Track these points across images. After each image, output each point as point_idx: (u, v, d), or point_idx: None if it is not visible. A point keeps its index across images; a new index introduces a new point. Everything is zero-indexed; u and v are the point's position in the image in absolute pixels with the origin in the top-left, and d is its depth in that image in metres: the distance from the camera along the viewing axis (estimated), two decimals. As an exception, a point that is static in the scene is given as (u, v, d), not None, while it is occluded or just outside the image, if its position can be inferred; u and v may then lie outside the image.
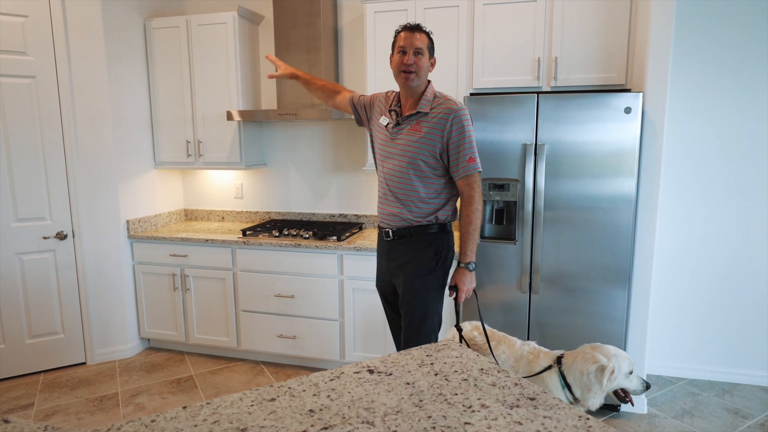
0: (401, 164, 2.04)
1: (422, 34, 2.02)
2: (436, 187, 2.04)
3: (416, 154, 2.00)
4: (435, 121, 2.00)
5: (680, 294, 3.02)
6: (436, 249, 2.08)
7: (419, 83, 2.04)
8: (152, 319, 3.44)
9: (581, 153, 2.48)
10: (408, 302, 2.08)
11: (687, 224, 2.97)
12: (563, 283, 2.59)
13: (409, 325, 2.08)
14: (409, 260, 2.07)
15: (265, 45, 3.55)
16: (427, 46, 2.03)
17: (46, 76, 3.01)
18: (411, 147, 2.01)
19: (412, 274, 2.07)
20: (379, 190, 2.17)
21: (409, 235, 2.07)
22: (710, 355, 3.02)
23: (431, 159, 2.00)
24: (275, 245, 3.07)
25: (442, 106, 2.02)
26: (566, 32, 2.69)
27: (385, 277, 2.21)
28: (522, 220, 2.59)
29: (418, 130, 2.01)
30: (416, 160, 2.01)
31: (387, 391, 1.21)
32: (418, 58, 1.99)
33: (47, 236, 3.11)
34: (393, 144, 2.07)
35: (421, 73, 2.02)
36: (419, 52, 1.99)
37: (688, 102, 2.88)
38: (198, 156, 3.46)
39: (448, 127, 1.98)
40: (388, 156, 2.09)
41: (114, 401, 2.84)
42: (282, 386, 1.25)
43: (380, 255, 2.22)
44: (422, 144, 2.00)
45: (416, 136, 2.01)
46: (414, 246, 2.07)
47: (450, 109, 1.99)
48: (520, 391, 1.21)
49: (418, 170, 2.01)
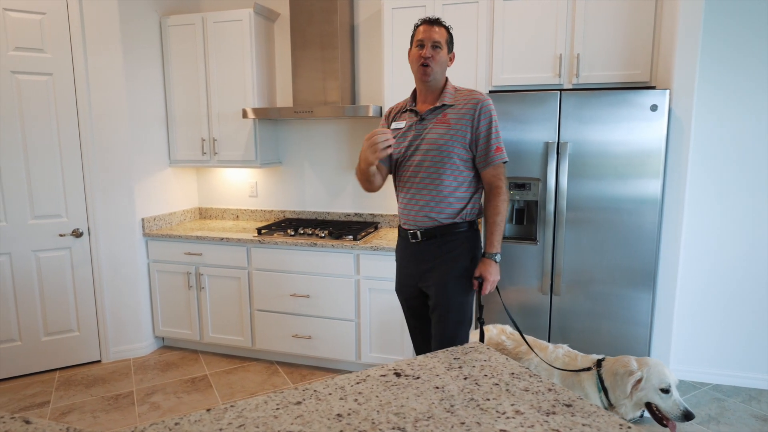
0: (431, 157, 1.96)
1: (441, 28, 1.98)
2: (464, 180, 1.98)
3: (446, 145, 1.94)
4: (462, 111, 1.95)
5: (703, 297, 2.95)
6: (468, 247, 2.01)
7: (437, 77, 1.99)
8: (166, 317, 3.43)
9: (605, 152, 2.42)
10: (443, 305, 1.99)
11: (710, 226, 2.89)
12: (585, 285, 2.53)
13: (445, 330, 1.99)
14: (441, 261, 1.99)
15: (281, 42, 3.52)
16: (446, 40, 1.98)
17: (63, 74, 3.00)
18: (441, 138, 1.95)
19: (446, 276, 1.99)
20: (401, 194, 2.08)
21: (439, 235, 1.99)
22: (735, 360, 2.94)
23: (461, 150, 1.95)
24: (291, 244, 3.04)
25: (467, 97, 1.98)
26: (589, 28, 2.63)
27: (410, 282, 2.09)
28: (543, 220, 2.53)
29: (446, 122, 1.96)
30: (447, 151, 1.95)
31: (416, 396, 1.17)
32: (436, 52, 1.93)
33: (63, 233, 3.11)
34: (419, 140, 2.00)
35: (439, 66, 1.97)
36: (437, 45, 1.93)
37: (710, 101, 2.81)
38: (213, 154, 3.44)
39: (476, 117, 1.93)
40: (414, 153, 2.01)
41: (129, 400, 2.83)
42: (307, 389, 1.22)
43: (406, 259, 2.10)
44: (452, 135, 1.94)
45: (445, 128, 1.95)
46: (445, 247, 1.99)
47: (477, 99, 1.96)
48: (554, 397, 1.16)
49: (450, 161, 1.95)
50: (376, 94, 3.37)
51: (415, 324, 2.15)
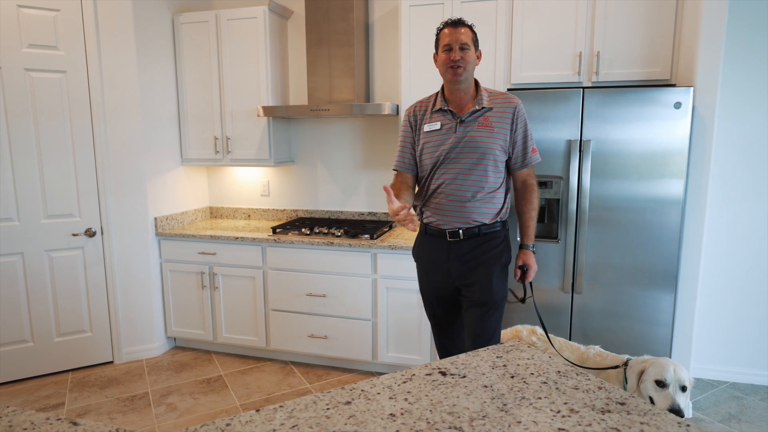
0: (476, 160, 1.98)
1: (466, 28, 1.98)
2: (502, 181, 2.07)
3: (490, 147, 1.99)
4: (501, 114, 2.01)
5: (720, 296, 2.94)
6: (506, 246, 2.10)
7: (468, 78, 2.00)
8: (179, 317, 3.40)
9: (628, 151, 2.41)
10: (488, 302, 2.01)
11: (730, 226, 2.89)
12: (607, 284, 2.52)
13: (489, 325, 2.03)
14: (485, 259, 2.02)
15: (294, 40, 3.50)
16: (472, 39, 1.98)
17: (76, 71, 2.97)
18: (485, 141, 1.98)
19: (491, 273, 2.02)
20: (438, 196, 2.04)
21: (481, 234, 2.03)
22: (752, 358, 2.93)
23: (501, 152, 2.02)
24: (307, 243, 3.02)
25: (504, 100, 2.03)
26: (609, 26, 2.62)
27: (445, 279, 2.08)
28: (565, 218, 2.52)
29: (488, 125, 2.00)
30: (491, 153, 1.99)
31: (466, 395, 1.16)
32: (464, 53, 1.94)
33: (76, 233, 3.07)
34: (464, 142, 1.99)
35: (469, 67, 1.97)
36: (465, 47, 1.94)
37: (731, 101, 2.80)
38: (226, 152, 3.41)
39: (515, 121, 2.02)
40: (458, 156, 2.00)
41: (145, 401, 2.80)
42: (354, 389, 1.20)
43: (440, 258, 2.07)
44: (495, 137, 1.99)
45: (487, 131, 1.99)
46: (486, 245, 2.03)
47: (513, 103, 2.03)
48: (606, 395, 1.15)
49: (494, 163, 2.00)
50: (391, 93, 3.35)
51: (446, 320, 2.16)
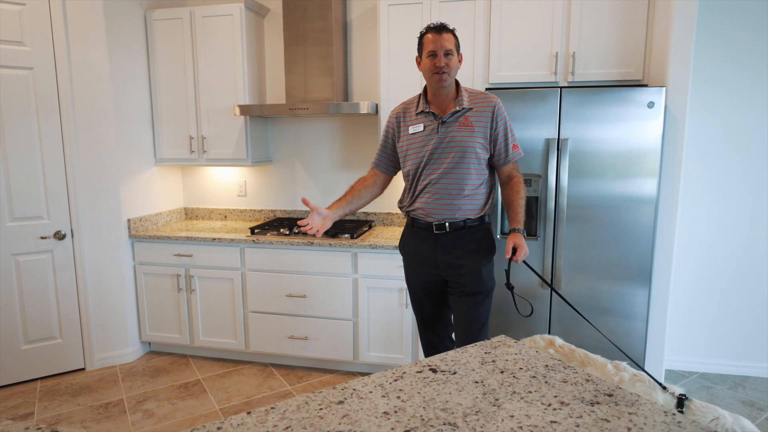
0: (458, 158, 2.06)
1: (449, 34, 2.04)
2: (485, 178, 2.13)
3: (470, 146, 2.06)
4: (480, 114, 2.08)
5: (690, 289, 3.05)
6: (491, 239, 2.17)
7: (451, 82, 2.09)
8: (154, 321, 3.31)
9: (604, 150, 2.47)
10: (478, 292, 2.10)
11: (701, 221, 2.99)
12: (585, 280, 2.57)
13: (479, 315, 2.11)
14: (472, 251, 2.11)
15: (270, 38, 3.45)
16: (455, 44, 2.06)
17: (44, 68, 2.86)
18: (466, 140, 2.05)
19: (479, 264, 2.11)
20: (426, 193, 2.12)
21: (466, 227, 2.11)
22: (720, 349, 3.05)
23: (482, 150, 2.09)
24: (286, 244, 2.98)
25: (483, 100, 2.10)
26: (584, 27, 2.68)
27: (432, 271, 2.16)
28: (544, 216, 2.56)
29: (469, 125, 2.07)
30: (472, 151, 2.06)
31: (458, 391, 1.16)
32: (449, 59, 2.01)
33: (45, 236, 2.96)
34: (445, 143, 2.07)
35: (453, 72, 2.05)
36: (449, 53, 2.01)
37: (704, 99, 2.90)
38: (202, 152, 3.35)
39: (494, 119, 2.08)
40: (442, 154, 2.07)
41: (120, 408, 2.72)
42: (346, 388, 1.19)
43: (426, 250, 2.15)
44: (475, 136, 2.06)
45: (468, 131, 2.06)
46: (472, 237, 2.12)
47: (492, 102, 2.09)
48: (594, 387, 1.17)
49: (475, 161, 2.07)
50: (370, 92, 3.35)
51: (433, 313, 2.25)
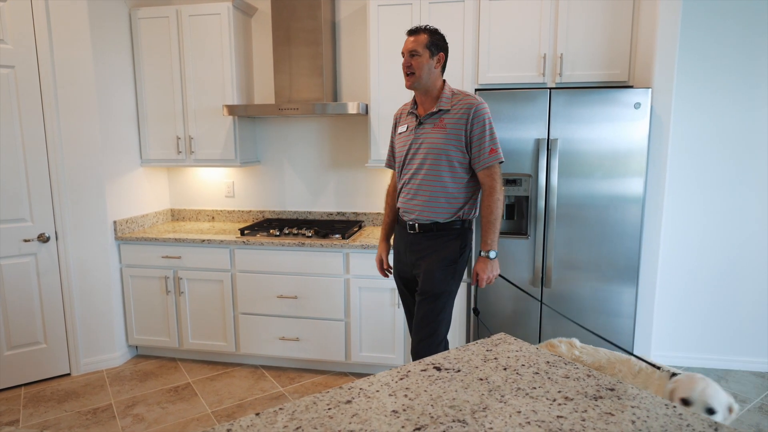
0: (430, 160, 2.08)
1: (420, 35, 2.06)
2: (461, 182, 2.09)
3: (443, 149, 2.06)
4: (458, 116, 2.06)
5: (677, 287, 3.12)
6: (459, 244, 2.13)
7: (422, 83, 2.08)
8: (141, 325, 3.26)
9: (592, 150, 2.52)
10: (426, 291, 2.10)
11: (689, 220, 3.07)
12: (574, 278, 2.62)
13: (425, 314, 2.10)
14: (432, 252, 2.11)
15: (258, 38, 3.43)
16: (426, 45, 2.06)
17: (26, 67, 2.79)
18: (438, 142, 2.06)
19: (433, 265, 2.10)
20: (402, 191, 2.20)
21: (435, 230, 2.11)
22: (705, 344, 3.13)
23: (458, 152, 2.06)
24: (277, 245, 2.97)
25: (462, 102, 2.09)
26: (571, 29, 2.73)
27: (406, 268, 2.23)
28: (534, 215, 2.60)
29: (443, 126, 2.08)
30: (445, 154, 2.06)
31: (464, 388, 1.18)
32: (414, 59, 2.05)
33: (28, 239, 2.89)
34: (418, 144, 2.12)
35: (420, 72, 2.06)
36: (414, 53, 2.05)
37: (690, 99, 2.98)
38: (189, 153, 3.30)
39: (469, 121, 2.05)
40: (416, 155, 2.13)
41: (109, 413, 2.67)
42: (352, 387, 1.19)
43: (403, 246, 2.22)
44: (448, 138, 2.05)
45: (441, 133, 2.07)
46: (438, 240, 2.11)
47: (470, 104, 2.06)
48: (596, 382, 1.20)
49: (448, 164, 2.06)
50: (359, 92, 3.35)
51: (411, 306, 2.29)
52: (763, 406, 2.68)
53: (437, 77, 2.10)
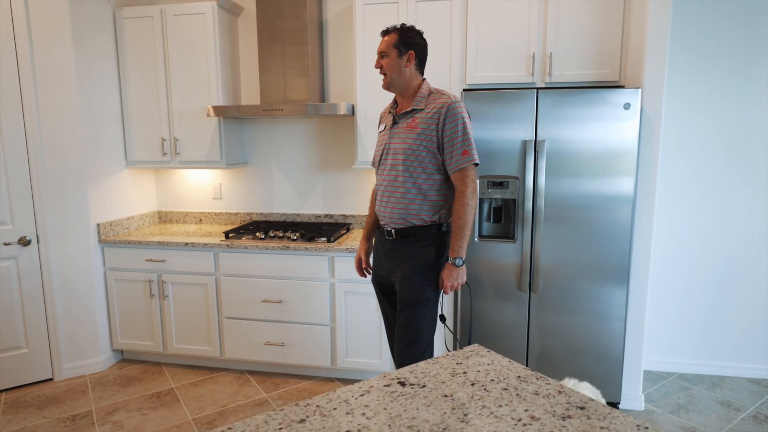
0: (402, 161, 2.02)
1: (389, 36, 2.03)
2: (434, 184, 2.02)
3: (414, 149, 1.99)
4: (430, 116, 2.00)
5: (667, 289, 3.05)
6: (435, 249, 2.05)
7: (394, 82, 2.05)
8: (126, 329, 3.22)
9: (581, 150, 2.45)
10: (405, 298, 2.04)
11: (678, 220, 3.00)
12: (563, 282, 2.55)
13: (405, 321, 2.04)
14: (408, 258, 2.04)
15: (245, 38, 3.38)
16: (393, 44, 2.02)
17: (5, 67, 2.75)
18: (409, 143, 2.00)
19: (409, 271, 2.04)
20: (378, 193, 2.15)
21: (411, 235, 2.04)
22: (698, 349, 3.06)
23: (429, 153, 1.99)
24: (261, 248, 2.91)
25: (436, 101, 2.02)
26: (561, 28, 2.66)
27: (384, 274, 2.17)
28: (521, 218, 2.54)
29: (415, 126, 2.02)
30: (416, 155, 1.99)
31: (426, 406, 1.12)
32: (384, 60, 2.03)
33: (8, 242, 2.85)
34: (392, 143, 2.07)
35: (390, 72, 2.03)
36: (383, 54, 2.03)
37: (684, 97, 2.91)
38: (174, 154, 3.25)
39: (441, 121, 1.96)
40: (388, 155, 2.08)
41: (88, 420, 2.62)
42: (309, 405, 1.13)
43: (381, 252, 2.17)
44: (419, 139, 1.99)
45: (413, 133, 2.01)
46: (414, 246, 2.05)
47: (443, 103, 1.99)
48: (567, 400, 1.14)
49: (420, 165, 2.00)
50: (346, 92, 3.29)
51: (388, 313, 2.24)
52: (758, 415, 2.60)
53: (411, 76, 2.05)
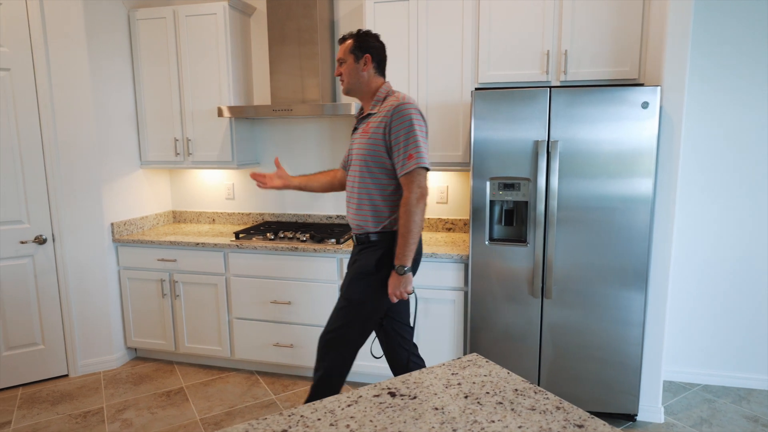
0: (357, 167, 2.04)
1: (345, 43, 2.07)
2: (386, 190, 2.02)
3: (367, 155, 2.00)
4: (379, 119, 1.99)
5: (692, 297, 2.92)
6: (379, 255, 2.02)
7: (352, 88, 2.08)
8: (139, 327, 3.25)
9: (596, 151, 2.36)
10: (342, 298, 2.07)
11: (700, 225, 2.87)
12: (577, 286, 2.46)
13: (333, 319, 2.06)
14: (362, 262, 2.05)
15: (257, 38, 3.37)
16: (350, 50, 2.04)
17: (21, 69, 2.80)
18: (362, 148, 2.02)
19: (352, 275, 2.07)
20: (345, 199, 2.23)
21: (367, 242, 2.05)
22: (724, 360, 2.92)
23: (380, 159, 1.98)
24: (270, 249, 2.90)
25: (387, 104, 2.01)
26: (576, 24, 2.57)
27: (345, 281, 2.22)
28: (534, 221, 2.45)
29: (367, 131, 2.03)
30: (368, 161, 2.00)
31: (414, 419, 1.07)
32: (342, 67, 2.07)
33: (25, 240, 2.90)
34: (352, 149, 2.11)
35: (347, 78, 2.06)
36: (341, 61, 2.07)
37: (700, 99, 2.78)
38: (187, 155, 3.27)
39: (389, 124, 1.95)
40: (351, 161, 2.12)
41: (99, 417, 2.65)
42: (293, 415, 1.10)
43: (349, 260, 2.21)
44: (370, 144, 1.99)
45: (365, 138, 2.02)
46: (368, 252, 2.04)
47: (391, 106, 1.97)
48: (564, 417, 1.07)
49: (370, 171, 2.00)
50: (358, 92, 3.25)
51: None
52: (786, 431, 2.46)
53: (368, 80, 2.06)
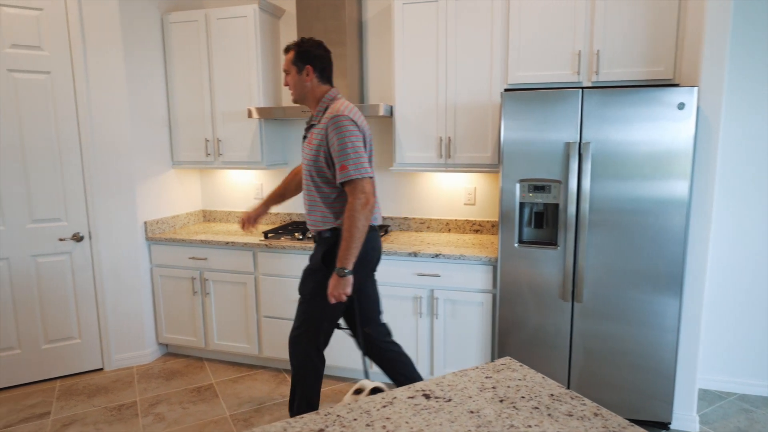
0: (305, 175, 2.15)
1: (288, 53, 2.13)
2: (330, 197, 2.10)
3: (311, 166, 2.09)
4: (320, 130, 2.07)
5: (728, 303, 2.84)
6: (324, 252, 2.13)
7: (299, 98, 2.15)
8: (171, 324, 3.33)
9: (629, 152, 2.31)
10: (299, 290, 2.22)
11: (740, 229, 2.79)
12: (609, 290, 2.42)
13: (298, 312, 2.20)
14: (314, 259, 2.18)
15: (286, 40, 3.41)
16: (292, 61, 2.11)
17: (61, 72, 2.90)
18: (307, 159, 2.11)
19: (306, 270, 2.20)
20: None
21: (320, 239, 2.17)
22: (763, 369, 2.83)
23: (319, 167, 2.07)
24: (299, 249, 2.93)
25: (327, 114, 2.07)
26: (609, 24, 2.53)
27: None
28: (564, 223, 2.42)
29: (311, 140, 2.11)
30: (311, 169, 2.10)
31: (450, 422, 1.07)
32: (288, 78, 2.14)
33: (63, 238, 3.01)
34: (302, 156, 2.18)
35: (293, 88, 2.13)
36: (286, 71, 2.14)
37: (743, 96, 2.70)
38: (217, 155, 3.34)
39: (327, 135, 2.03)
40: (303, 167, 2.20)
41: (133, 410, 2.73)
42: (329, 414, 1.11)
43: None
44: (313, 155, 2.08)
45: (308, 148, 2.11)
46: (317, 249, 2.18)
47: (327, 118, 2.04)
48: (603, 423, 1.06)
49: (313, 179, 2.11)
50: (385, 93, 3.26)
51: None
52: (827, 443, 2.38)
53: (313, 89, 2.12)
